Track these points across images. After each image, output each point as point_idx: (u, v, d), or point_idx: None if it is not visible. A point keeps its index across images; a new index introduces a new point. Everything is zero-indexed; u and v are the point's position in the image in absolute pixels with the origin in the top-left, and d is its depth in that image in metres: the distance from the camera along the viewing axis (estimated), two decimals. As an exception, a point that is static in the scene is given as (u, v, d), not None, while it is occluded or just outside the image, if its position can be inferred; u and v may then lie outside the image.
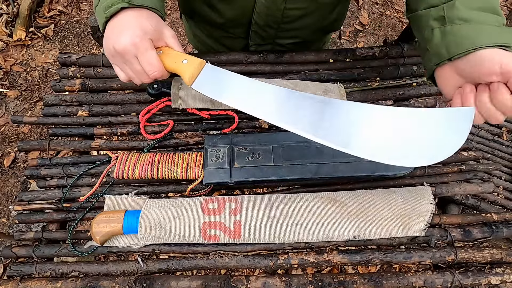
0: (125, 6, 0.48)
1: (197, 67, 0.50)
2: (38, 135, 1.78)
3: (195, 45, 0.93)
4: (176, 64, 0.50)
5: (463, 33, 0.47)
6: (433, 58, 0.51)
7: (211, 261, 0.55)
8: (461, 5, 0.48)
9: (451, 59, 0.48)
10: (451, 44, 0.48)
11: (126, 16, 0.48)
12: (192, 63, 0.50)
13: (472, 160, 0.66)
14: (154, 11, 0.51)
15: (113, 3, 0.48)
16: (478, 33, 0.46)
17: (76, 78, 0.73)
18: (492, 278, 0.54)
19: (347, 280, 0.54)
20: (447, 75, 0.50)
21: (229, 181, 0.58)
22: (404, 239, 0.57)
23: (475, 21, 0.47)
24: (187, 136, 0.67)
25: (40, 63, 1.99)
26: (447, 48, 0.48)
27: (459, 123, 0.45)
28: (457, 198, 0.67)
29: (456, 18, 0.48)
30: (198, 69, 0.50)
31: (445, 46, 0.49)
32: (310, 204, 0.55)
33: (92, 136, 0.69)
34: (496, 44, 0.44)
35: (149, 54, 0.48)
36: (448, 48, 0.48)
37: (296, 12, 0.70)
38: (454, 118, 0.46)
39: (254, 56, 0.75)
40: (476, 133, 1.25)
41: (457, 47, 0.47)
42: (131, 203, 0.59)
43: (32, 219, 0.61)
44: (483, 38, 0.45)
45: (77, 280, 0.53)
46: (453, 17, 0.48)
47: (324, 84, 0.71)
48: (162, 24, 0.52)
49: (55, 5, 2.20)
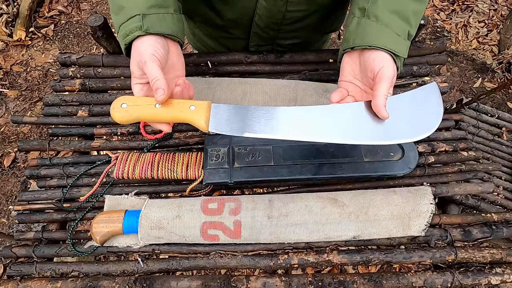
0: (142, 34, 0.49)
1: (207, 109, 0.49)
2: (38, 135, 1.78)
3: (195, 45, 0.93)
4: (184, 112, 0.48)
5: (370, 29, 0.53)
6: (343, 43, 0.57)
7: (211, 261, 0.55)
8: (382, 3, 0.53)
9: (353, 48, 0.54)
10: (358, 36, 0.53)
11: (142, 42, 0.50)
12: (201, 107, 0.48)
13: (472, 160, 0.66)
14: (171, 37, 0.52)
15: (131, 31, 0.49)
16: (378, 34, 0.52)
17: (76, 78, 0.73)
18: (492, 278, 0.54)
19: (347, 280, 0.54)
20: (349, 61, 0.57)
21: (229, 181, 0.58)
22: (404, 239, 0.57)
23: (383, 22, 0.52)
24: (187, 136, 0.67)
25: (40, 63, 1.99)
26: (354, 39, 0.54)
27: (430, 97, 0.52)
28: (457, 198, 0.67)
29: (372, 13, 0.53)
30: (208, 111, 0.49)
31: (354, 35, 0.54)
32: (310, 204, 0.55)
33: (92, 136, 0.69)
34: (387, 49, 0.51)
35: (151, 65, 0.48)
36: (354, 39, 0.54)
37: (296, 14, 0.70)
38: (423, 94, 0.52)
39: (254, 56, 0.75)
40: (476, 133, 1.25)
41: (360, 40, 0.53)
42: (131, 203, 0.59)
43: (32, 219, 0.61)
44: (380, 40, 0.51)
45: (77, 280, 0.53)
46: (370, 12, 0.53)
47: (324, 84, 0.71)
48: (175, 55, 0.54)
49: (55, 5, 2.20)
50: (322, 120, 0.50)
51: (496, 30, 2.19)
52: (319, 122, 0.50)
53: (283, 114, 0.50)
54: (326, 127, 0.50)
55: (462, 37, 2.21)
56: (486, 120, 1.29)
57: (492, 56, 2.12)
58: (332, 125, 0.50)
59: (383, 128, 0.50)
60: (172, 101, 0.49)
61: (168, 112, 0.48)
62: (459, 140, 0.68)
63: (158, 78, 0.46)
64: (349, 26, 0.56)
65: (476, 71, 2.08)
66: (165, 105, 0.48)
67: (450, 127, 0.70)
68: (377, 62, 0.51)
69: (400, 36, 0.52)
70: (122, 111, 0.47)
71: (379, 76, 0.50)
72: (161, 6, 0.52)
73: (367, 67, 0.52)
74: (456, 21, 2.26)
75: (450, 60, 2.12)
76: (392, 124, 0.50)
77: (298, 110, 0.51)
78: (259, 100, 0.67)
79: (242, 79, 0.71)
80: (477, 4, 2.31)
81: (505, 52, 2.04)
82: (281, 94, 0.68)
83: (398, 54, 0.51)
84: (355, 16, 0.56)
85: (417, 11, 0.54)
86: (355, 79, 0.56)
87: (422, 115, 0.51)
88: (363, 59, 0.53)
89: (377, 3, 0.53)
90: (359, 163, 0.60)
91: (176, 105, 0.48)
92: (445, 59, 0.75)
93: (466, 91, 2.02)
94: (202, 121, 0.48)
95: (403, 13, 0.53)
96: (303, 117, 0.50)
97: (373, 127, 0.50)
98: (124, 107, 0.47)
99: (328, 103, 0.66)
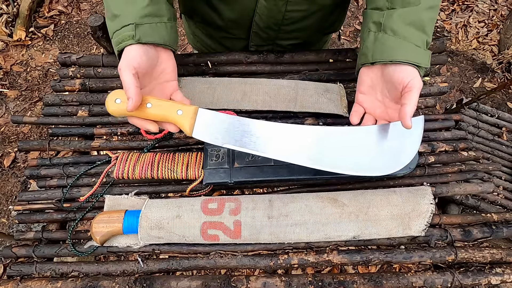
0: (133, 43, 0.51)
1: (192, 116, 0.51)
2: (38, 135, 1.78)
3: (195, 45, 0.93)
4: (172, 116, 0.51)
5: (388, 44, 0.53)
6: (361, 57, 0.57)
7: (211, 261, 0.55)
8: (398, 16, 0.53)
9: (373, 63, 0.55)
10: (377, 50, 0.54)
11: (130, 49, 0.51)
12: (187, 112, 0.51)
13: (472, 160, 0.66)
14: (163, 46, 0.54)
15: (123, 40, 0.51)
16: (398, 48, 0.52)
17: (76, 78, 0.73)
18: (492, 278, 0.54)
19: (347, 280, 0.54)
20: (368, 73, 0.57)
21: (229, 181, 0.58)
22: (404, 239, 0.57)
23: (400, 36, 0.52)
24: (187, 136, 0.67)
25: (40, 63, 1.99)
26: (373, 54, 0.55)
27: (412, 131, 0.52)
28: (457, 198, 0.68)
29: (388, 28, 0.53)
30: (194, 117, 0.51)
31: (372, 50, 0.55)
32: (310, 204, 0.55)
33: (92, 136, 0.69)
34: (409, 62, 0.51)
35: (125, 73, 0.49)
36: (373, 54, 0.54)
37: (296, 14, 0.70)
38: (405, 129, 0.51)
39: (254, 56, 0.75)
40: (476, 133, 1.25)
41: (379, 55, 0.53)
42: (131, 203, 0.59)
43: (32, 219, 0.61)
44: (400, 54, 0.52)
45: (77, 280, 0.53)
46: (387, 26, 0.54)
47: (324, 84, 0.71)
48: (166, 61, 0.56)
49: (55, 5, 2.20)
50: (308, 142, 0.52)
51: (496, 30, 2.19)
52: (304, 144, 0.51)
53: (265, 129, 0.51)
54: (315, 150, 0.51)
55: (462, 37, 2.21)
56: (486, 120, 1.29)
57: (492, 56, 2.12)
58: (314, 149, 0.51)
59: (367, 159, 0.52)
60: (163, 103, 0.51)
61: (157, 113, 0.51)
62: (459, 140, 0.68)
63: (129, 87, 0.48)
64: (365, 41, 0.57)
65: (476, 71, 2.08)
66: (155, 106, 0.50)
67: (450, 127, 0.70)
68: (405, 75, 0.51)
69: (420, 47, 0.53)
70: (115, 105, 0.50)
71: (409, 87, 0.50)
72: (155, 16, 0.53)
73: (394, 80, 0.53)
74: (456, 21, 2.26)
75: (450, 60, 2.12)
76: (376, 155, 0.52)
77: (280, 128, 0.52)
78: (259, 100, 0.67)
79: (242, 79, 0.71)
80: (477, 4, 2.31)
81: (505, 52, 2.04)
82: (281, 94, 0.68)
83: (420, 65, 0.52)
84: (371, 30, 0.56)
85: (432, 18, 0.54)
86: (373, 90, 0.58)
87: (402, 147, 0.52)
88: (387, 73, 0.54)
89: (392, 16, 0.53)
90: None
91: (166, 107, 0.51)
92: (445, 59, 0.75)
93: (466, 91, 2.02)
94: (187, 126, 0.51)
95: (419, 23, 0.53)
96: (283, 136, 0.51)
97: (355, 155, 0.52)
98: (118, 102, 0.50)
99: (329, 103, 0.67)
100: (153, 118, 0.52)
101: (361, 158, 0.52)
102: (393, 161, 0.52)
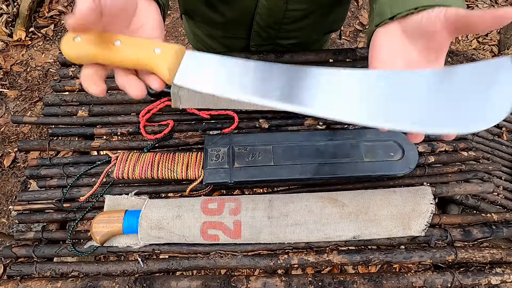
0: None
1: (175, 55, 0.37)
2: (38, 135, 1.78)
3: (195, 45, 0.93)
4: (146, 56, 0.37)
5: None
6: (376, 18, 0.48)
7: (211, 261, 0.55)
8: None
9: (392, 18, 0.45)
10: (397, 2, 0.45)
11: None
12: (168, 51, 0.37)
13: (472, 160, 0.66)
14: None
15: None
16: None
17: (76, 78, 0.73)
18: (492, 278, 0.54)
19: (347, 280, 0.54)
20: (384, 38, 0.47)
21: (229, 181, 0.58)
22: (404, 239, 0.57)
23: None
24: (187, 136, 0.67)
25: (40, 63, 1.99)
26: (391, 8, 0.46)
27: (499, 76, 0.35)
28: (457, 198, 0.67)
29: None
30: (178, 58, 0.38)
31: (390, 5, 0.46)
32: (310, 204, 0.55)
33: (92, 136, 0.69)
34: (437, 4, 0.42)
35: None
36: (392, 8, 0.46)
37: (297, 13, 0.70)
38: (490, 72, 0.35)
39: (254, 56, 0.75)
40: (476, 133, 1.25)
41: (401, 5, 0.44)
42: (131, 203, 0.59)
43: (32, 219, 0.61)
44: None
45: (77, 280, 0.53)
46: None
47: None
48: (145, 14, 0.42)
49: (55, 5, 2.20)
50: (375, 91, 0.37)
51: (496, 30, 2.19)
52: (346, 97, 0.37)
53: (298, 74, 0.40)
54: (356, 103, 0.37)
55: (462, 37, 2.21)
56: (486, 120, 1.29)
57: (492, 56, 2.12)
58: (381, 99, 0.36)
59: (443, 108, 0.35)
60: (136, 40, 0.38)
61: (128, 52, 0.37)
62: (459, 140, 0.68)
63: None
64: None
65: (476, 71, 2.08)
66: (126, 43, 0.37)
67: (450, 127, 0.70)
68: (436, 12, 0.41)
69: None
70: (74, 45, 0.37)
71: (457, 13, 0.39)
72: None
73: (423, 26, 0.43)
74: (456, 21, 2.26)
75: (450, 60, 2.12)
76: None
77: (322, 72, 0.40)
78: (259, 100, 0.67)
79: (242, 79, 0.70)
80: (477, 4, 2.31)
81: (505, 52, 2.04)
82: (281, 94, 0.68)
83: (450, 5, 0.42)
84: None
85: None
86: (393, 56, 0.47)
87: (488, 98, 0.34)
88: (411, 26, 0.44)
89: None
90: (359, 163, 0.60)
91: (139, 45, 0.37)
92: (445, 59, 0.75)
93: (466, 91, 2.01)
94: (165, 68, 0.36)
95: None
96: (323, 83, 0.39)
97: None
98: (77, 41, 0.37)
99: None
100: (124, 64, 0.38)
101: (446, 111, 0.35)
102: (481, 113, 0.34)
